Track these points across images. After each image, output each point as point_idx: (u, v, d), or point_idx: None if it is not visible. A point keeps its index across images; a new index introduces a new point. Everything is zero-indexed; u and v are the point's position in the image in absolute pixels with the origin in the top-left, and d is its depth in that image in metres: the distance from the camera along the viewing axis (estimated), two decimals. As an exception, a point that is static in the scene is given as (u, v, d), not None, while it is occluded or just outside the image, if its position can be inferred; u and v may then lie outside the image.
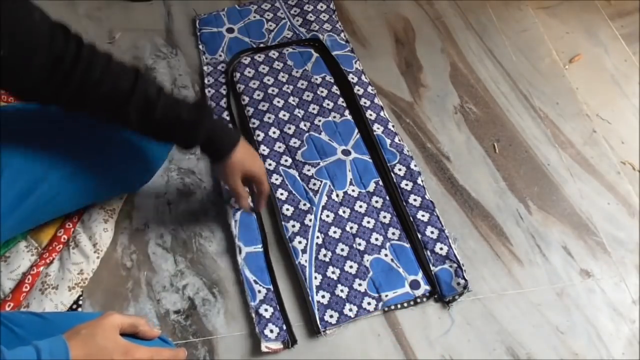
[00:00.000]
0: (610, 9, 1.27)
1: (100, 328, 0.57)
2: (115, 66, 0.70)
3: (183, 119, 0.74)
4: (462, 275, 0.88)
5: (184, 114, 0.74)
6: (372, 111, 1.06)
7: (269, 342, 0.82)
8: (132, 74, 0.71)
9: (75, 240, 0.90)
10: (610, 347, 0.85)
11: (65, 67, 0.65)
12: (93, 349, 0.55)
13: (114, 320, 0.59)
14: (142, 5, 1.24)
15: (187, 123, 0.75)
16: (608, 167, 1.03)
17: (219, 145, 0.80)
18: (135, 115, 0.72)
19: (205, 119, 0.76)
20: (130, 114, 0.71)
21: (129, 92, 0.70)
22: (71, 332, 0.56)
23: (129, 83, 0.70)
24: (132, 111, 0.71)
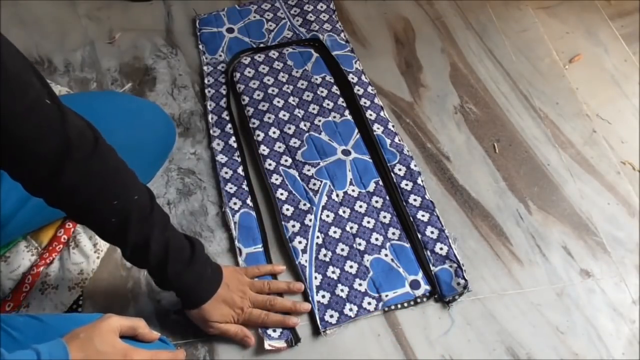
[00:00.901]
0: (610, 9, 1.27)
1: (98, 331, 0.57)
2: (130, 171, 0.67)
3: (176, 249, 0.70)
4: (462, 275, 0.88)
5: (181, 244, 0.71)
6: (372, 111, 1.06)
7: (272, 340, 0.82)
8: (146, 192, 0.68)
9: (76, 240, 0.90)
10: (610, 347, 0.85)
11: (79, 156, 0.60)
12: (92, 352, 0.55)
13: (112, 323, 0.59)
14: (142, 5, 1.24)
15: (180, 255, 0.71)
16: (608, 167, 1.03)
17: (193, 297, 0.75)
18: (134, 237, 0.67)
19: (187, 271, 0.72)
20: (129, 235, 0.66)
21: (148, 210, 0.67)
22: (70, 335, 0.56)
23: (145, 193, 0.67)
24: (133, 233, 0.66)
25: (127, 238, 0.67)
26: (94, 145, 0.62)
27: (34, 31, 1.19)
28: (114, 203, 0.64)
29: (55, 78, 1.12)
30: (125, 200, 0.66)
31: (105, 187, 0.64)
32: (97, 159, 0.62)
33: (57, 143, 0.58)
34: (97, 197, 0.64)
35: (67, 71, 1.14)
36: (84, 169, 0.61)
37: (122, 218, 0.66)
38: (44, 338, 0.54)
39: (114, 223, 0.66)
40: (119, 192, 0.65)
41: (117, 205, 0.65)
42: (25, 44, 1.17)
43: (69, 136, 0.59)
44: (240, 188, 0.98)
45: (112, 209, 0.65)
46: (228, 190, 0.97)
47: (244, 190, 0.97)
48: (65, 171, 0.60)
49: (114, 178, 0.65)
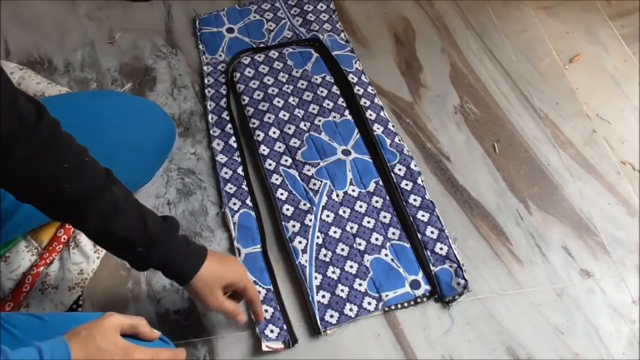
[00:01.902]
0: (610, 9, 1.27)
1: (100, 329, 0.57)
2: (90, 160, 0.65)
3: (139, 238, 0.66)
4: (462, 275, 0.88)
5: (143, 231, 0.66)
6: (372, 111, 1.06)
7: (270, 341, 0.82)
8: (103, 172, 0.65)
9: (76, 240, 0.90)
10: (610, 347, 0.85)
11: (33, 143, 0.59)
12: (93, 349, 0.55)
13: (113, 321, 0.59)
14: (142, 5, 1.25)
15: (143, 243, 0.67)
16: (608, 167, 1.03)
17: (178, 269, 0.71)
18: (95, 220, 0.64)
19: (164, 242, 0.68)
20: (89, 216, 0.64)
21: (96, 191, 0.63)
22: (71, 333, 0.56)
23: (99, 181, 0.64)
24: (92, 213, 0.64)
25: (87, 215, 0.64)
26: (36, 122, 0.59)
27: (34, 31, 1.20)
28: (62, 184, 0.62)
29: (55, 78, 1.12)
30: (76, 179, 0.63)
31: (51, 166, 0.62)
32: (40, 137, 0.60)
33: (10, 122, 0.56)
34: (42, 177, 0.62)
35: (67, 71, 1.14)
36: (28, 148, 0.59)
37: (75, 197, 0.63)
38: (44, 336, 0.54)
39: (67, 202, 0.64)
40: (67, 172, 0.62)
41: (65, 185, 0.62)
42: (25, 44, 1.17)
43: (18, 114, 0.57)
44: (240, 188, 0.98)
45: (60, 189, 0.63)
46: (228, 191, 0.97)
47: (243, 190, 0.97)
48: (10, 150, 0.58)
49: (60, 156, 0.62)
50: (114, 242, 0.68)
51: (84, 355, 0.54)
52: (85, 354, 0.54)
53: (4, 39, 1.17)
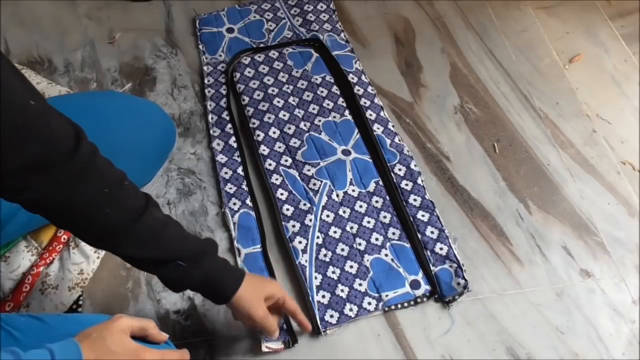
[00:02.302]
0: (610, 9, 1.27)
1: (110, 331, 0.57)
2: (127, 187, 0.63)
3: (179, 259, 0.66)
4: (462, 275, 0.88)
5: (184, 254, 0.67)
6: (372, 111, 1.06)
7: (270, 342, 0.82)
8: (142, 200, 0.64)
9: (75, 240, 0.90)
10: (610, 347, 0.85)
11: (68, 170, 0.57)
12: (103, 351, 0.55)
13: (123, 324, 0.59)
14: (142, 5, 1.25)
15: (184, 267, 0.67)
16: (608, 167, 1.03)
17: (219, 289, 0.71)
18: (136, 243, 0.64)
19: (205, 261, 0.68)
20: (130, 242, 0.64)
21: (137, 216, 0.63)
22: (81, 335, 0.56)
23: (138, 208, 0.63)
24: (134, 239, 0.64)
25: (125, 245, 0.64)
26: (75, 147, 0.58)
27: (34, 31, 1.20)
28: (104, 209, 0.61)
29: (55, 78, 1.12)
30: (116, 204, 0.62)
31: (91, 191, 0.61)
32: (79, 161, 0.59)
33: (40, 146, 0.55)
34: (82, 202, 0.60)
35: (67, 71, 1.14)
36: (66, 173, 0.58)
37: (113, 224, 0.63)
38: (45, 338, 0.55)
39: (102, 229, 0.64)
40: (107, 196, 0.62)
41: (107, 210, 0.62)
42: (25, 44, 1.17)
43: (52, 138, 0.56)
44: (240, 188, 0.98)
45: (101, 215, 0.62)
46: (228, 191, 0.97)
47: (243, 190, 0.97)
48: (47, 174, 0.57)
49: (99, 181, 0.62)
50: (154, 265, 0.67)
51: (94, 357, 0.54)
52: (96, 355, 0.55)
53: (4, 39, 1.17)
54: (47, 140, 0.56)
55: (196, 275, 0.68)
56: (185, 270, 0.67)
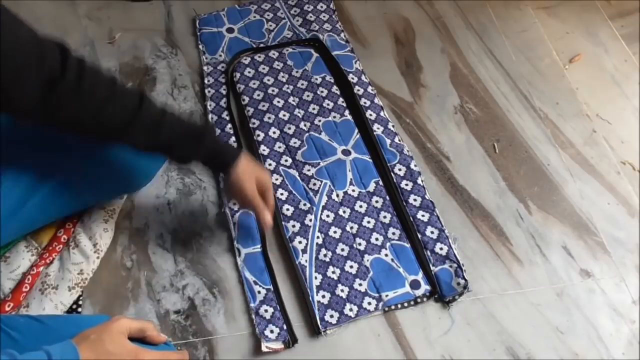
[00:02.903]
0: (610, 9, 1.27)
1: (108, 332, 0.57)
2: (120, 88, 0.70)
3: (186, 136, 0.75)
4: (462, 275, 0.88)
5: (189, 131, 0.75)
6: (372, 111, 1.06)
7: (270, 342, 0.82)
8: (136, 97, 0.71)
9: (75, 240, 0.90)
10: (610, 347, 0.85)
11: (64, 87, 0.63)
12: (102, 353, 0.55)
13: (122, 325, 0.59)
14: (142, 5, 1.25)
15: (190, 139, 0.76)
16: (608, 167, 1.03)
17: (222, 158, 0.80)
18: (141, 135, 0.72)
19: (208, 134, 0.77)
20: (135, 134, 0.72)
21: (134, 114, 0.70)
22: (80, 336, 0.56)
23: (134, 105, 0.70)
24: (137, 131, 0.71)
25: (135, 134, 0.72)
26: (63, 60, 0.63)
27: (34, 31, 1.19)
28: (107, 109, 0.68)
29: (55, 78, 1.12)
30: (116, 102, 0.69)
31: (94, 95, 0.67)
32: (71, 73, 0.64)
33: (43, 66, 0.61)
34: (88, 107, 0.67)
35: (67, 71, 1.14)
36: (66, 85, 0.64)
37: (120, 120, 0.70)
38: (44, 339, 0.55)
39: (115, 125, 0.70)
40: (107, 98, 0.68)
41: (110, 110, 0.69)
42: (25, 44, 1.16)
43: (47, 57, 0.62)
44: (240, 188, 0.98)
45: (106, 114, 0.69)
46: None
47: (244, 190, 0.97)
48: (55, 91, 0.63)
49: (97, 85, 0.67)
50: (163, 149, 0.77)
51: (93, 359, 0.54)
52: (95, 357, 0.55)
53: (4, 39, 1.17)
54: (45, 59, 0.61)
55: (201, 149, 0.77)
56: (192, 147, 0.76)
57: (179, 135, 0.75)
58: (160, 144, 0.75)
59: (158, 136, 0.73)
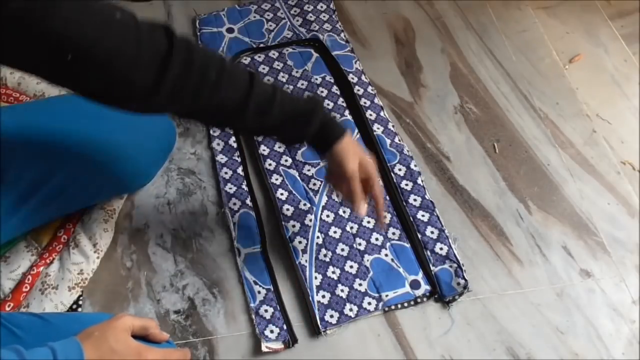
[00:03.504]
0: (610, 9, 1.27)
1: (112, 330, 0.57)
2: (230, 67, 0.65)
3: (298, 113, 0.70)
4: (462, 275, 0.88)
5: (299, 108, 0.70)
6: (372, 111, 1.06)
7: (270, 342, 0.82)
8: (246, 75, 0.66)
9: (75, 240, 0.90)
10: (610, 347, 0.85)
11: (174, 70, 0.59)
12: (106, 350, 0.55)
13: (126, 322, 0.59)
14: (142, 5, 1.24)
15: (302, 117, 0.71)
16: (608, 167, 1.03)
17: (330, 132, 0.74)
18: (254, 116, 0.67)
19: (319, 109, 0.72)
20: (248, 116, 0.67)
21: (247, 94, 0.65)
22: (83, 334, 0.56)
23: (246, 84, 0.66)
24: (251, 113, 0.66)
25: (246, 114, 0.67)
26: (169, 45, 0.60)
27: (34, 31, 1.19)
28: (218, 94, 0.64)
29: (55, 78, 1.12)
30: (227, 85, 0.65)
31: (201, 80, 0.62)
32: (179, 57, 0.60)
33: (147, 53, 0.58)
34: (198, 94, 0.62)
35: (67, 71, 1.14)
36: (174, 71, 0.59)
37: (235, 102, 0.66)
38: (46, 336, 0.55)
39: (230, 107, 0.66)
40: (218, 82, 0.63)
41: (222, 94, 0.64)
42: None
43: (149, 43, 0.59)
44: (240, 188, 0.98)
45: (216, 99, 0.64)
46: (228, 191, 0.97)
47: (243, 190, 0.97)
48: (166, 75, 0.59)
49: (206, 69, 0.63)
50: (273, 130, 0.72)
51: (97, 356, 0.54)
52: (98, 354, 0.55)
53: (4, 39, 1.17)
54: (146, 46, 0.58)
55: (310, 129, 0.72)
56: (301, 127, 0.71)
57: (289, 115, 0.70)
58: (272, 125, 0.70)
59: (270, 117, 0.68)
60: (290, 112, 0.70)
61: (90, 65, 0.54)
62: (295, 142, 0.75)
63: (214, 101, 0.64)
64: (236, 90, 0.65)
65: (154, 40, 0.59)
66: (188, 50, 0.60)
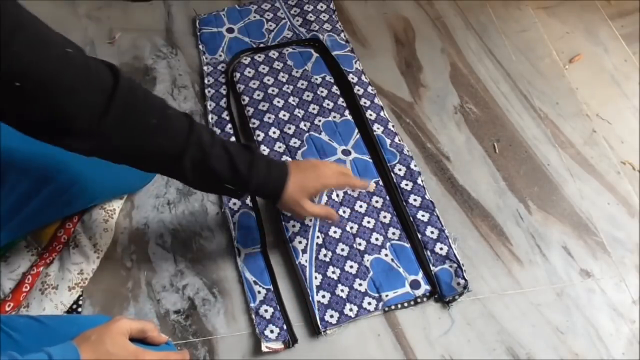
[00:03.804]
0: (610, 9, 1.27)
1: (109, 334, 0.57)
2: (171, 111, 0.65)
3: (229, 177, 0.70)
4: (462, 275, 0.88)
5: (237, 163, 0.70)
6: (372, 111, 1.06)
7: (270, 342, 0.82)
8: (185, 120, 0.67)
9: (75, 240, 0.90)
10: (610, 347, 0.85)
11: (117, 110, 0.59)
12: (103, 354, 0.55)
13: (123, 326, 0.59)
14: (142, 5, 1.25)
15: (233, 181, 0.71)
16: (608, 167, 1.03)
17: (268, 189, 0.75)
18: (190, 168, 0.67)
19: (251, 174, 0.72)
20: (185, 166, 0.67)
21: (186, 141, 0.65)
22: (80, 337, 0.56)
23: (185, 129, 0.66)
24: (188, 163, 0.66)
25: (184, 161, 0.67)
26: (114, 85, 0.60)
27: (34, 31, 1.19)
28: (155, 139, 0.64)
29: (55, 78, 1.12)
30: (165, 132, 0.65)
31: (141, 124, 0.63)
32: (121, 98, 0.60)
33: (89, 89, 0.58)
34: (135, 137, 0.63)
35: (67, 71, 1.14)
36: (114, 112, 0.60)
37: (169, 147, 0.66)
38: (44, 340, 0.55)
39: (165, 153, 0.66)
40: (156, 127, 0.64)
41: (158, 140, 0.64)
42: (25, 44, 1.17)
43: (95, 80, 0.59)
44: (240, 188, 0.98)
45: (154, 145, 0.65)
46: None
47: (244, 190, 0.97)
48: (109, 112, 0.59)
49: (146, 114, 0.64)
50: (209, 184, 0.73)
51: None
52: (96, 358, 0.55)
53: (4, 39, 1.17)
54: (93, 82, 0.58)
55: (245, 191, 0.74)
56: (236, 190, 0.73)
57: (224, 170, 0.70)
58: (205, 179, 0.70)
59: (204, 170, 0.68)
60: (223, 169, 0.70)
61: (36, 95, 0.54)
62: (231, 196, 0.77)
63: (152, 145, 0.64)
64: (175, 135, 0.65)
65: (101, 77, 0.59)
66: (131, 89, 0.61)
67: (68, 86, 0.56)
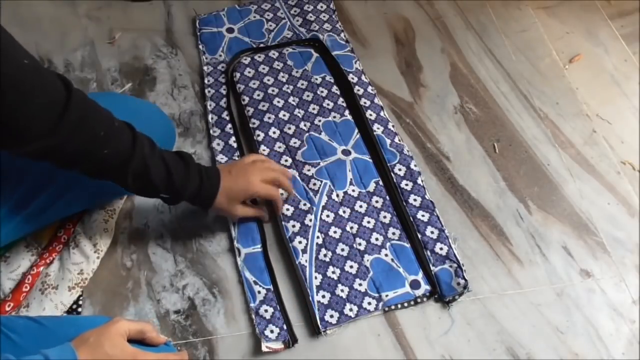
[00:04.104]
0: (610, 9, 1.27)
1: (107, 335, 0.57)
2: (117, 123, 0.70)
3: (166, 186, 0.75)
4: (462, 275, 0.88)
5: (172, 174, 0.75)
6: (372, 111, 1.06)
7: (270, 342, 0.82)
8: (130, 132, 0.71)
9: (75, 240, 0.90)
10: (610, 347, 0.85)
11: (70, 120, 0.62)
12: (101, 356, 0.55)
13: (121, 327, 0.59)
14: (142, 5, 1.25)
15: (170, 190, 0.76)
16: (608, 167, 1.03)
17: (200, 200, 0.81)
18: (132, 178, 0.72)
19: (186, 185, 0.77)
20: (128, 175, 0.71)
21: (130, 153, 0.70)
22: (78, 339, 0.56)
23: (130, 141, 0.70)
24: (130, 173, 0.71)
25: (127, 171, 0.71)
26: (67, 97, 0.63)
27: (34, 31, 1.20)
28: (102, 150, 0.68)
29: (55, 78, 1.12)
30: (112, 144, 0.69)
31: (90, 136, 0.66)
32: (74, 110, 0.63)
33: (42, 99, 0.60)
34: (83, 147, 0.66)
35: (67, 71, 1.14)
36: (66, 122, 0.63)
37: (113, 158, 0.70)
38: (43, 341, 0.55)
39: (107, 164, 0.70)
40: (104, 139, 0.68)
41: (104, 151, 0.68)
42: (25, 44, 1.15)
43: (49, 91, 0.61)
44: (240, 188, 0.98)
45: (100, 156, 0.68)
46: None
47: (244, 190, 0.97)
48: (62, 121, 0.62)
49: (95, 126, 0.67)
50: (148, 192, 0.77)
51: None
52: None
53: (4, 39, 1.17)
54: (47, 92, 0.60)
55: (180, 198, 0.79)
56: (172, 197, 0.79)
57: (162, 180, 0.75)
58: (145, 187, 0.75)
59: (145, 180, 0.73)
60: (162, 179, 0.74)
61: None
62: (168, 203, 0.81)
63: (99, 155, 0.67)
64: (120, 146, 0.69)
65: (56, 88, 0.61)
66: (83, 100, 0.64)
67: (25, 95, 0.58)
